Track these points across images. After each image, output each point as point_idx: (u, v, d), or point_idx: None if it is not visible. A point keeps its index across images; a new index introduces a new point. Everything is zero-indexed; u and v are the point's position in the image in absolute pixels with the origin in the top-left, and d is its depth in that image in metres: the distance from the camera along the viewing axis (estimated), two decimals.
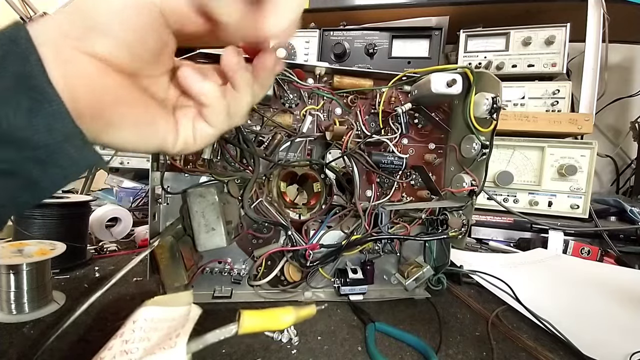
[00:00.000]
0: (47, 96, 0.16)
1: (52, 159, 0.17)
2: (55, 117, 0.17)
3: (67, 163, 0.18)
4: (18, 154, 0.16)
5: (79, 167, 0.19)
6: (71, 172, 0.19)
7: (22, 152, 0.17)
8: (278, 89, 0.42)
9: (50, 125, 0.16)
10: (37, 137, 0.16)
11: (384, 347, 0.34)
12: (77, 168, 0.19)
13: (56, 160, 0.17)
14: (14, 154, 0.16)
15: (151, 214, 0.39)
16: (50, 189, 0.19)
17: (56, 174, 0.18)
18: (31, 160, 0.17)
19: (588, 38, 0.77)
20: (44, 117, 0.16)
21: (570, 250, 0.66)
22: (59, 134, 0.17)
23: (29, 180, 0.17)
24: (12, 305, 0.35)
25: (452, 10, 0.86)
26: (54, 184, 0.19)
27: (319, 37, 0.86)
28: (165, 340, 0.18)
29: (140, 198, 0.85)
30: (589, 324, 0.41)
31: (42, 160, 0.17)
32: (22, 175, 0.17)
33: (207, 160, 0.41)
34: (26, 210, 0.19)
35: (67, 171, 0.18)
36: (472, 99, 0.38)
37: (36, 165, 0.17)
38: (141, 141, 0.21)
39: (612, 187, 1.09)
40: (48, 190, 0.19)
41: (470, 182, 0.40)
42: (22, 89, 0.16)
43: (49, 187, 0.18)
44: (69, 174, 0.19)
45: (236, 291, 0.43)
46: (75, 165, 0.18)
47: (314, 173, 0.45)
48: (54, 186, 0.19)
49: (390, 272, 0.48)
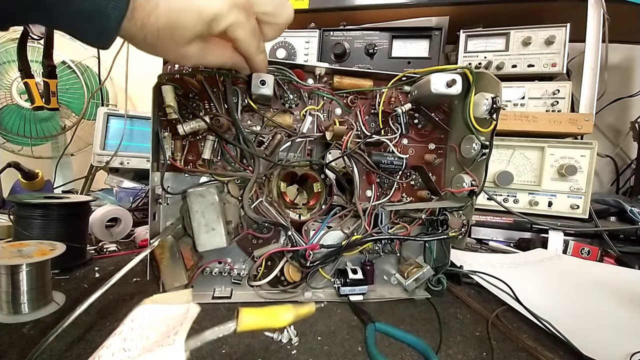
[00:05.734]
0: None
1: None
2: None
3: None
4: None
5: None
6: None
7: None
8: (278, 90, 0.42)
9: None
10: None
11: (384, 347, 0.34)
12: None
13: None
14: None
15: (151, 214, 0.39)
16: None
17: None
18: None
19: (588, 38, 0.77)
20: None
21: (570, 251, 0.66)
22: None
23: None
24: (11, 306, 0.35)
25: (452, 10, 0.86)
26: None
27: (319, 37, 0.86)
28: (163, 338, 0.18)
29: (140, 198, 0.85)
30: (589, 324, 0.41)
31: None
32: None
33: (207, 160, 0.41)
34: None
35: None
36: (472, 99, 0.38)
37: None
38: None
39: (612, 187, 1.09)
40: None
41: (470, 182, 0.40)
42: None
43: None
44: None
45: (236, 291, 0.43)
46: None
47: (314, 173, 0.45)
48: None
49: (390, 273, 0.48)
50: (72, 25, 0.24)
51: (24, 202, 0.47)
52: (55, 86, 0.86)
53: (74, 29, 0.25)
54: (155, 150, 0.40)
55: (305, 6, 0.91)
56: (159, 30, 0.26)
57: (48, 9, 0.22)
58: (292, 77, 0.42)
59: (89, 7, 0.23)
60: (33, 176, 0.83)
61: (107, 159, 0.89)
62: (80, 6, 0.23)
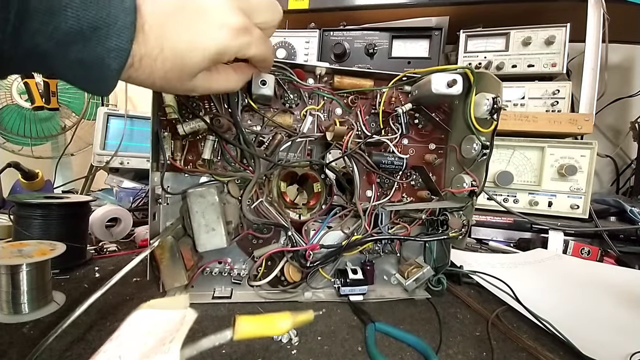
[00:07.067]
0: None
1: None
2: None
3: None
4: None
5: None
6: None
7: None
8: (278, 89, 0.42)
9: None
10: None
11: (384, 347, 0.34)
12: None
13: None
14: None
15: (151, 214, 0.39)
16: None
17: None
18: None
19: (588, 38, 0.77)
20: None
21: (570, 251, 0.66)
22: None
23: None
24: (11, 306, 0.35)
25: (452, 10, 0.86)
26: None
27: (319, 37, 0.86)
28: (159, 345, 0.18)
29: (140, 198, 0.85)
30: (589, 324, 0.41)
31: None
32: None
33: (207, 160, 0.41)
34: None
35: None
36: (473, 100, 0.38)
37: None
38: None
39: (612, 187, 1.09)
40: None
41: (471, 182, 0.40)
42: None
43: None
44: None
45: (236, 291, 0.43)
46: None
47: (314, 173, 0.45)
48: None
49: (390, 273, 0.48)
50: (72, 73, 0.24)
51: (24, 202, 0.47)
52: (55, 86, 0.86)
53: (73, 78, 0.25)
54: (155, 150, 0.40)
55: (305, 6, 0.91)
56: (166, 73, 0.26)
57: (47, 58, 0.22)
58: (293, 77, 0.42)
59: (88, 57, 0.23)
60: (33, 176, 0.83)
61: (107, 159, 0.89)
62: (80, 55, 0.22)
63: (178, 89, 0.29)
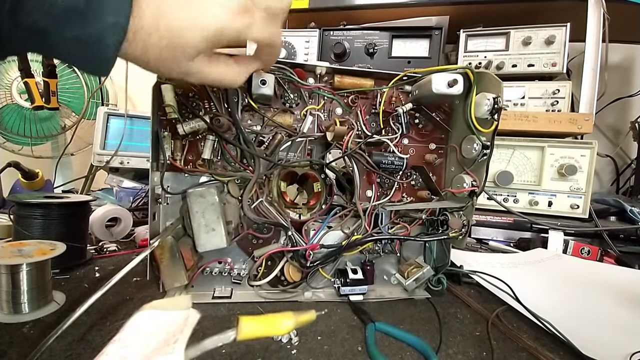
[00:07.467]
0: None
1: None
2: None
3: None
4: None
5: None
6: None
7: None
8: (279, 89, 0.42)
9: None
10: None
11: (384, 347, 0.34)
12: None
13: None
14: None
15: (151, 214, 0.39)
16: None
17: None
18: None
19: (588, 38, 0.77)
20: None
21: (570, 250, 0.66)
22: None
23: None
24: (12, 305, 0.35)
25: (452, 10, 0.86)
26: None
27: (319, 37, 0.86)
28: (163, 346, 0.18)
29: (140, 198, 0.84)
30: (589, 324, 0.41)
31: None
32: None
33: (207, 160, 0.41)
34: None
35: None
36: (473, 99, 0.38)
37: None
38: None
39: (612, 187, 1.09)
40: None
41: (471, 182, 0.40)
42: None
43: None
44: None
45: (236, 291, 0.43)
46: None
47: (314, 173, 0.45)
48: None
49: (390, 273, 0.48)
50: (70, 52, 0.24)
51: (24, 201, 0.47)
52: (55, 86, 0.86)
53: (71, 57, 0.25)
54: (155, 150, 0.40)
55: (305, 6, 0.91)
56: (161, 50, 0.26)
57: (45, 36, 0.22)
58: (293, 77, 0.42)
59: (86, 34, 0.23)
60: (33, 176, 0.83)
61: (107, 158, 0.89)
62: (77, 33, 0.22)
63: (173, 70, 0.28)
